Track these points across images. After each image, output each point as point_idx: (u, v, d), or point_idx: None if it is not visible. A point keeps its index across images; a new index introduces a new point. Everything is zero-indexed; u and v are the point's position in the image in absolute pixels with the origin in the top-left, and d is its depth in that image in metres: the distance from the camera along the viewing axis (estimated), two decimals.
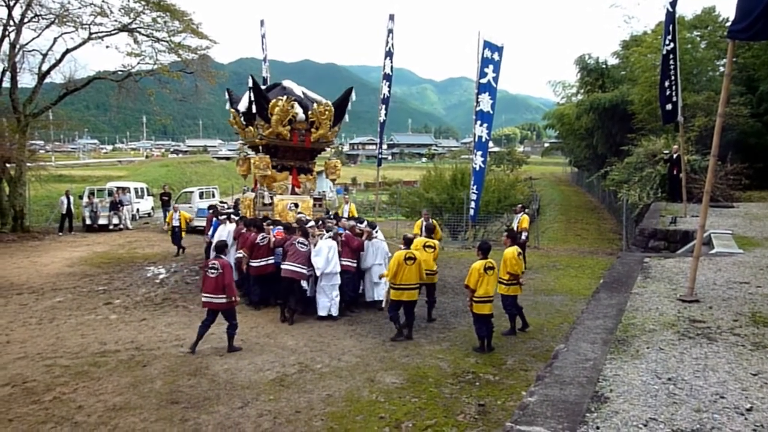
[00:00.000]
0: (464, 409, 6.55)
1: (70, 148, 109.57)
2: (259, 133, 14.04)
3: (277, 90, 14.83)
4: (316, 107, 14.67)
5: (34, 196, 25.37)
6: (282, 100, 13.83)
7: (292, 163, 14.88)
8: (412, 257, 9.25)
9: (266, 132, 13.92)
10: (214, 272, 8.69)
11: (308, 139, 14.79)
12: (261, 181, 14.50)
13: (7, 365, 8.34)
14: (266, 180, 14.40)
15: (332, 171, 16.11)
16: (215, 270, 8.69)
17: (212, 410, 6.62)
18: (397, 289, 9.21)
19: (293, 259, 10.55)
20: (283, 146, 14.49)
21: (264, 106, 13.76)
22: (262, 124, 13.89)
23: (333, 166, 16.11)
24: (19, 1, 21.97)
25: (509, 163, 73.27)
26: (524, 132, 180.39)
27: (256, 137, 14.27)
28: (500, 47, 17.21)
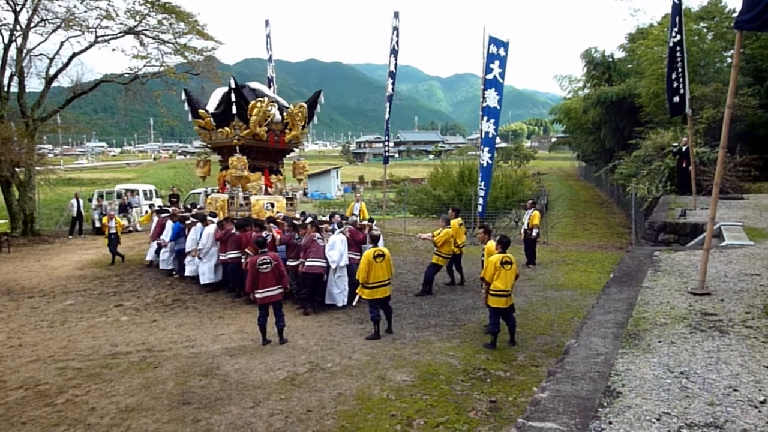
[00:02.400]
0: (475, 406, 6.54)
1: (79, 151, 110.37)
2: (236, 133, 14.13)
3: (245, 91, 14.93)
4: (292, 108, 15.14)
5: (44, 199, 25.52)
6: (262, 101, 14.09)
7: (263, 163, 15.11)
8: (381, 254, 9.36)
9: (244, 133, 14.12)
10: (268, 267, 8.98)
11: (282, 140, 15.07)
12: (234, 182, 14.58)
13: (19, 368, 8.40)
14: (240, 181, 14.48)
15: (300, 171, 16.42)
16: (268, 264, 8.99)
17: (224, 410, 6.65)
18: (371, 287, 9.23)
19: (315, 255, 10.97)
20: (256, 147, 14.69)
21: (243, 107, 13.96)
22: (240, 124, 14.07)
23: (301, 166, 16.54)
24: (25, 5, 22.10)
25: (517, 158, 73.17)
26: (531, 127, 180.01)
27: (232, 138, 14.28)
28: (506, 43, 17.16)
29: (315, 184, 63.09)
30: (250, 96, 14.63)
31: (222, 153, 15.57)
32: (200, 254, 13.11)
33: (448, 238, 12.30)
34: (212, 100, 15.25)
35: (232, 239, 12.40)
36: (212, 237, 12.97)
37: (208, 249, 13.07)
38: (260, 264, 8.97)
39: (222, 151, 15.52)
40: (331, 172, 66.03)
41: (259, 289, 9.02)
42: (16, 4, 21.86)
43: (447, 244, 12.34)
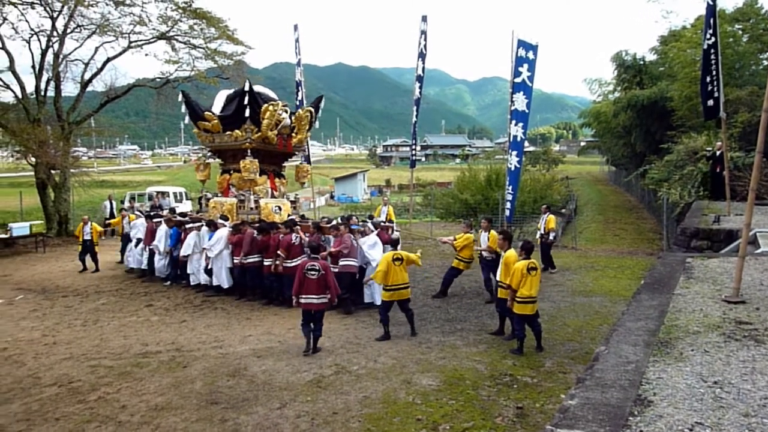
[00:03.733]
0: (502, 412, 6.48)
1: (111, 154, 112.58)
2: (248, 136, 14.10)
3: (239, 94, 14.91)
4: (300, 112, 15.21)
5: (78, 201, 26.07)
6: (275, 105, 14.14)
7: (268, 167, 15.11)
8: (400, 258, 9.43)
9: (255, 136, 14.12)
10: (315, 273, 8.78)
11: (290, 144, 15.18)
12: (242, 186, 14.52)
13: (53, 365, 8.59)
14: (248, 184, 14.45)
15: (303, 175, 16.46)
16: (316, 272, 8.79)
17: (251, 411, 6.70)
18: (388, 290, 9.39)
19: (353, 255, 11.24)
20: (264, 150, 14.63)
21: (256, 110, 13.97)
22: (252, 128, 14.07)
23: (305, 170, 16.64)
24: (62, 12, 22.66)
25: (545, 162, 72.50)
26: (560, 131, 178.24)
27: (242, 141, 14.22)
28: (535, 46, 17.01)
29: (342, 188, 63.39)
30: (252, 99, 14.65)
31: (225, 156, 15.45)
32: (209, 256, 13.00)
33: (468, 243, 12.38)
34: (217, 102, 15.15)
35: (255, 243, 12.31)
36: (225, 240, 12.88)
37: (220, 252, 12.93)
38: (308, 269, 8.82)
39: (225, 154, 15.36)
40: (357, 176, 66.25)
41: (303, 294, 8.86)
42: (53, 10, 22.43)
43: (467, 249, 12.38)
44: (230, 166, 15.07)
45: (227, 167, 15.24)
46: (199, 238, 13.55)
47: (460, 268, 12.58)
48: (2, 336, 10.30)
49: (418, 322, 10.46)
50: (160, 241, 14.55)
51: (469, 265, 12.62)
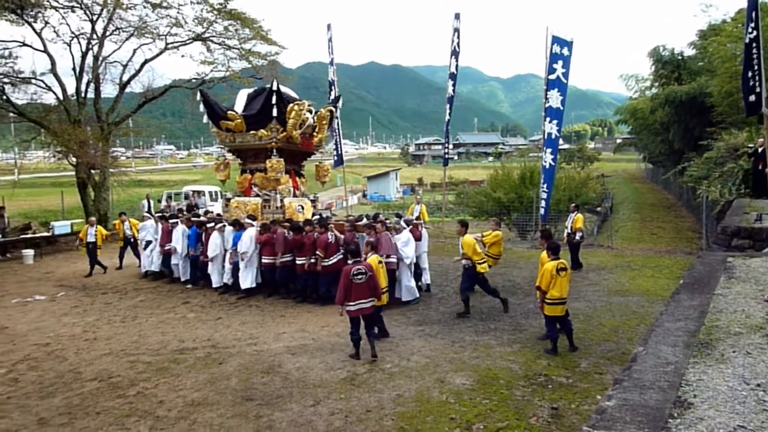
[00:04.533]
0: (536, 412, 6.42)
1: (149, 154, 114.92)
2: (274, 136, 14.06)
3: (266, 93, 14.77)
4: (322, 111, 15.12)
5: (117, 200, 26.68)
6: (300, 105, 14.12)
7: (290, 166, 15.03)
8: (380, 262, 9.26)
9: (281, 135, 14.09)
10: (362, 277, 8.32)
11: (311, 143, 15.15)
12: (266, 185, 14.48)
13: (94, 361, 8.82)
14: (272, 183, 14.39)
15: (324, 174, 16.36)
16: (363, 275, 8.33)
17: (285, 408, 6.77)
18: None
19: (388, 251, 11.28)
20: (287, 149, 14.57)
21: (282, 110, 13.94)
22: (278, 127, 14.03)
23: (325, 169, 16.47)
24: (101, 15, 23.21)
25: (580, 160, 71.55)
26: (595, 128, 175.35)
27: (267, 140, 14.14)
28: (570, 42, 16.80)
29: (374, 186, 63.52)
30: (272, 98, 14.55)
31: (246, 156, 15.28)
32: (243, 257, 12.80)
33: (498, 240, 12.66)
34: (239, 101, 15.03)
35: (287, 242, 12.34)
36: (254, 240, 12.75)
37: (252, 253, 12.83)
38: (354, 274, 8.30)
39: (246, 154, 15.19)
40: (390, 174, 66.31)
41: (352, 301, 8.32)
42: (92, 14, 22.98)
43: (496, 245, 12.65)
44: (252, 165, 14.97)
45: (248, 167, 15.11)
46: (223, 239, 13.46)
47: (489, 264, 12.50)
48: (45, 331, 10.62)
49: (451, 320, 10.46)
50: (177, 242, 14.33)
51: (497, 262, 12.91)
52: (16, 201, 25.96)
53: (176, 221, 14.71)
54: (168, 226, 14.77)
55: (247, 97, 15.11)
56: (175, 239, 14.39)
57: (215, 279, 13.61)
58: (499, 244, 12.69)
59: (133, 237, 16.54)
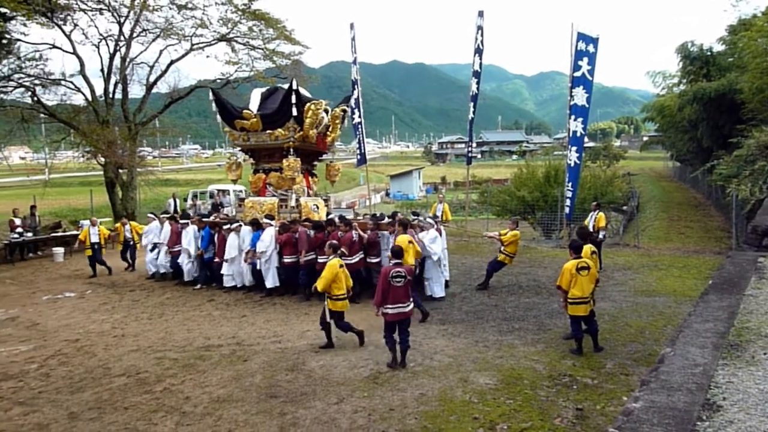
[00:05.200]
0: (561, 413, 6.36)
1: (175, 153, 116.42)
2: (291, 135, 13.99)
3: (278, 94, 14.77)
4: (336, 111, 15.06)
5: (144, 199, 27.09)
6: (317, 104, 14.09)
7: (304, 165, 14.93)
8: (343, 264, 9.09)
9: (298, 135, 14.04)
10: (401, 281, 7.96)
11: (325, 142, 15.11)
12: (281, 184, 14.38)
13: (122, 357, 8.98)
14: (288, 183, 14.28)
15: (335, 173, 16.23)
16: (402, 278, 7.98)
17: (309, 405, 6.81)
18: (340, 299, 8.89)
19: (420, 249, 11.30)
20: (301, 149, 14.48)
21: (300, 109, 13.86)
22: (296, 126, 13.97)
23: (336, 168, 16.35)
24: (128, 17, 23.57)
25: (606, 158, 70.59)
26: (621, 126, 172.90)
27: (284, 140, 14.07)
28: (595, 39, 16.60)
29: (397, 185, 63.46)
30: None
31: (259, 156, 15.14)
32: (262, 257, 12.72)
33: (516, 239, 12.90)
34: (253, 100, 14.91)
35: (310, 241, 12.31)
36: (273, 240, 12.61)
37: (271, 252, 12.72)
38: (393, 276, 7.96)
39: (259, 153, 15.06)
40: (413, 173, 66.15)
41: (390, 304, 7.98)
42: (120, 16, 23.37)
43: (513, 245, 12.87)
44: (265, 165, 14.91)
45: (262, 166, 15.02)
46: (240, 239, 13.29)
47: (505, 263, 13.06)
48: (75, 328, 10.84)
49: (474, 320, 10.41)
50: (189, 243, 14.09)
51: (512, 260, 13.15)
52: (47, 200, 26.43)
53: (186, 222, 14.56)
54: (177, 227, 14.63)
55: (260, 96, 15.07)
56: (186, 241, 14.17)
57: (227, 280, 13.51)
58: (515, 243, 12.95)
59: (133, 240, 16.57)
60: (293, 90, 13.72)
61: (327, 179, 16.50)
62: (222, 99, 15.06)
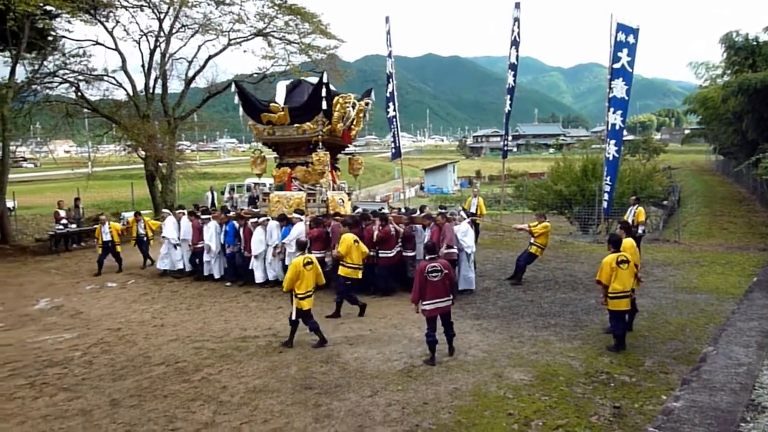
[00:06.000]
0: (598, 411, 6.27)
1: (212, 147, 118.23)
2: (319, 129, 13.84)
3: (303, 87, 14.70)
4: (360, 105, 14.79)
5: (182, 192, 27.59)
6: (345, 97, 14.00)
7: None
8: (311, 262, 8.96)
9: (326, 128, 13.93)
10: (438, 275, 7.94)
11: (350, 136, 14.98)
12: (308, 179, 14.22)
13: (161, 346, 9.19)
14: (315, 177, 14.14)
15: (358, 167, 16.07)
16: (438, 273, 7.95)
17: (343, 397, 6.86)
18: (303, 297, 8.81)
19: (453, 242, 11.38)
20: (327, 142, 14.29)
21: (329, 103, 13.73)
22: (324, 120, 13.85)
23: (359, 162, 16.20)
24: (168, 13, 23.98)
25: (645, 151, 69.08)
26: (661, 118, 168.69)
27: (312, 134, 13.91)
28: (635, 29, 16.24)
29: (432, 179, 63.31)
30: (310, 90, 14.26)
31: (284, 149, 14.93)
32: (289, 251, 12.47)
33: (546, 231, 12.99)
34: (279, 93, 14.65)
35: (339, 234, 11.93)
36: (303, 235, 12.07)
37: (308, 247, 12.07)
38: (429, 271, 7.94)
39: (284, 147, 14.86)
40: (447, 167, 65.88)
41: (427, 300, 7.96)
42: (160, 12, 23.78)
43: (544, 236, 12.93)
44: (290, 159, 14.73)
45: (286, 160, 14.84)
46: (268, 234, 13.06)
47: (537, 255, 13.10)
48: (116, 317, 11.14)
49: (509, 315, 10.33)
50: (211, 239, 13.72)
51: (543, 252, 13.22)
52: (90, 193, 27.15)
53: (208, 217, 14.14)
54: (198, 223, 14.24)
55: (286, 89, 14.88)
56: (208, 236, 13.79)
57: (259, 275, 13.23)
58: (546, 235, 13.04)
59: (146, 236, 16.27)
60: (323, 83, 13.57)
61: (350, 173, 16.46)
62: (246, 92, 14.96)
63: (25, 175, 51.05)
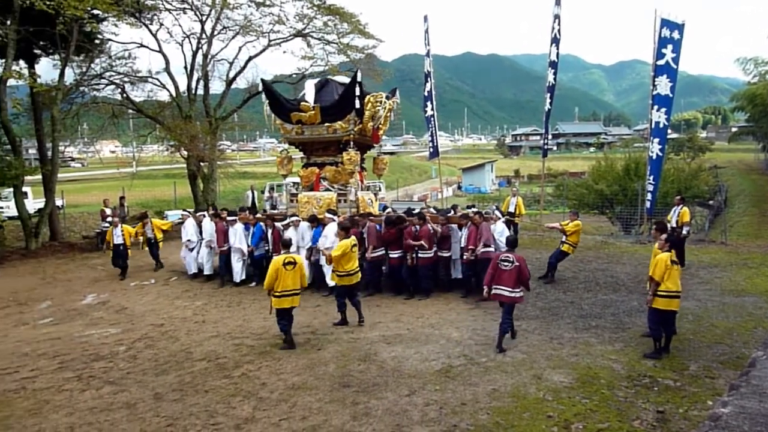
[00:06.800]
0: (640, 415, 6.14)
1: (252, 147, 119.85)
2: (351, 128, 13.64)
3: (331, 86, 14.46)
4: (389, 104, 14.52)
5: (223, 191, 28.05)
6: (376, 96, 13.86)
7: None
8: (293, 262, 8.81)
9: (358, 128, 13.75)
10: (509, 265, 8.47)
11: (377, 136, 14.79)
12: (338, 179, 14.03)
13: (203, 342, 9.37)
14: (345, 177, 13.95)
15: (382, 167, 15.87)
16: (509, 263, 8.48)
17: (381, 396, 6.88)
18: (279, 296, 8.79)
19: (490, 241, 11.37)
20: (357, 142, 14.09)
21: (362, 102, 13.56)
22: (356, 119, 13.64)
23: (384, 162, 15.98)
24: (210, 15, 24.42)
25: (690, 150, 67.36)
26: (707, 116, 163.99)
27: (343, 133, 13.72)
28: (681, 25, 15.81)
29: (469, 178, 62.90)
30: (339, 90, 14.08)
31: (311, 149, 14.65)
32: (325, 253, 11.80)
33: (578, 229, 13.15)
34: (308, 92, 14.24)
35: (380, 237, 12.08)
36: (333, 235, 11.49)
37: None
38: (502, 260, 8.57)
39: (312, 147, 14.58)
40: (485, 166, 65.33)
41: (496, 285, 8.61)
42: (202, 14, 24.23)
43: (576, 234, 13.09)
44: (318, 159, 14.53)
45: (314, 160, 14.60)
46: (299, 235, 12.70)
47: (569, 252, 13.22)
48: (160, 313, 11.41)
49: (549, 316, 10.19)
50: (241, 242, 13.37)
51: (574, 250, 13.37)
52: (134, 191, 27.88)
53: (234, 219, 13.64)
54: (224, 225, 13.75)
55: (315, 87, 14.56)
56: (235, 239, 13.42)
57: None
58: (578, 233, 13.23)
59: (155, 238, 15.89)
60: (357, 82, 13.40)
61: (374, 173, 16.22)
62: (274, 91, 14.75)
63: (73, 175, 52.68)
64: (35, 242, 19.48)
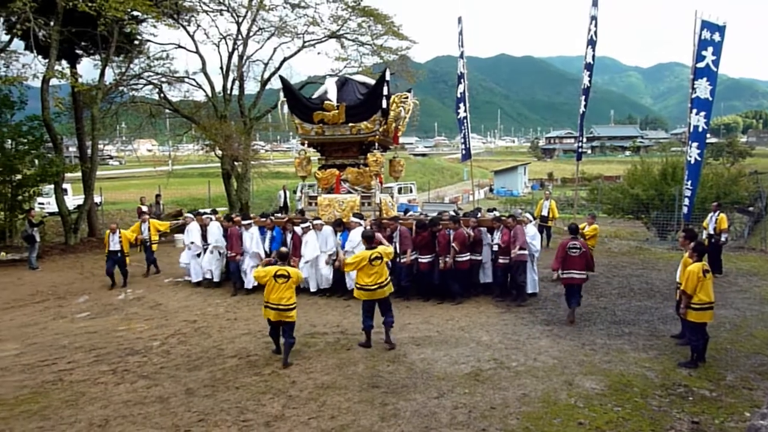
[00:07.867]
0: (674, 425, 6.02)
1: (285, 147, 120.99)
2: (376, 129, 13.17)
3: (351, 85, 13.93)
4: (409, 104, 14.14)
5: (256, 190, 28.36)
6: (402, 96, 13.67)
7: None
8: (286, 275, 8.36)
9: (382, 128, 13.36)
10: (577, 251, 9.85)
11: (398, 137, 14.50)
12: (360, 181, 13.63)
13: (234, 339, 9.50)
14: (367, 179, 13.57)
15: (399, 169, 15.38)
16: (578, 249, 9.86)
17: (409, 397, 6.87)
18: (265, 306, 8.48)
19: (525, 244, 11.37)
20: (379, 142, 13.71)
21: (388, 102, 13.23)
22: (381, 119, 13.21)
23: (401, 164, 15.47)
24: (245, 17, 24.74)
25: (730, 155, 65.76)
26: (748, 120, 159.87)
27: (368, 134, 13.19)
28: (722, 27, 15.42)
29: (501, 181, 62.41)
30: (360, 89, 13.67)
31: (330, 150, 14.15)
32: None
33: (596, 233, 13.91)
34: (330, 91, 13.58)
35: (414, 240, 11.80)
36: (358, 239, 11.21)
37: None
38: (570, 247, 9.87)
39: (331, 148, 14.07)
40: (518, 169, 64.72)
41: (566, 269, 9.92)
42: (238, 16, 24.57)
43: (594, 238, 13.78)
44: (337, 160, 14.02)
45: (333, 162, 14.08)
46: (323, 239, 12.26)
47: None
48: (193, 310, 11.61)
49: (582, 322, 10.04)
50: (258, 246, 12.72)
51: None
52: (170, 189, 28.48)
53: (249, 222, 13.05)
54: (237, 229, 13.00)
55: (335, 86, 13.88)
56: (251, 244, 12.78)
57: (312, 284, 12.48)
58: (596, 237, 14.02)
59: (149, 240, 15.26)
60: (385, 81, 13.00)
61: (391, 175, 15.72)
62: (294, 89, 14.27)
63: (111, 172, 53.89)
64: (74, 238, 20.05)
